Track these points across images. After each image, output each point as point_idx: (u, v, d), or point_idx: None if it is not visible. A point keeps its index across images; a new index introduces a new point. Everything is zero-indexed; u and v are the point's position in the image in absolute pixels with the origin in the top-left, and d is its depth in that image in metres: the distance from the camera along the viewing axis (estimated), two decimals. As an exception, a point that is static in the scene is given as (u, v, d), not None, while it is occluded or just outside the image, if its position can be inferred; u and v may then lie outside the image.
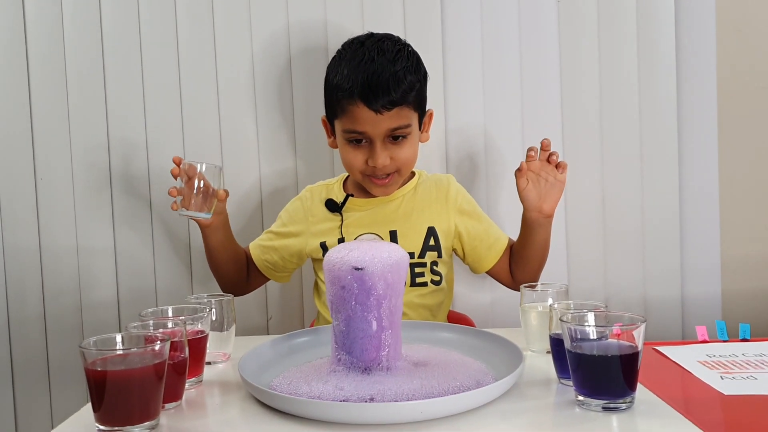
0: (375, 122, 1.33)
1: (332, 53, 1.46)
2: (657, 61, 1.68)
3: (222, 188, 1.35)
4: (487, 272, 1.50)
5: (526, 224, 1.41)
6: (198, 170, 1.31)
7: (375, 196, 1.46)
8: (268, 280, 1.56)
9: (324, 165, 1.72)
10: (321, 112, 1.48)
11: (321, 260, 1.42)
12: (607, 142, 1.70)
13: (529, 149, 1.35)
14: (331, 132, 1.46)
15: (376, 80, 1.31)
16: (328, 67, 1.43)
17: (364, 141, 1.37)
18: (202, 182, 1.32)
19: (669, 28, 1.67)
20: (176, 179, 1.32)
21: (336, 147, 1.46)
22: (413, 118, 1.39)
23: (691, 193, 1.70)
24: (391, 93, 1.31)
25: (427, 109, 1.46)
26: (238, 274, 1.51)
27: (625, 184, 1.71)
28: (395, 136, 1.37)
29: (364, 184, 1.44)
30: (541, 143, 1.34)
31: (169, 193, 1.32)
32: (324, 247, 1.43)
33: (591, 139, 1.70)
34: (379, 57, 1.34)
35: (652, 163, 1.70)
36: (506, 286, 1.52)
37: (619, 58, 1.68)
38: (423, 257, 1.42)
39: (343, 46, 1.43)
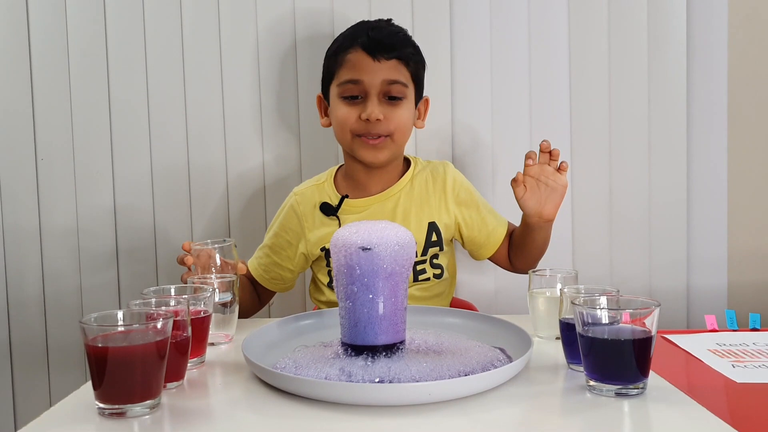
0: (373, 70, 1.34)
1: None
2: (668, 51, 1.66)
3: (237, 260, 1.23)
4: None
5: (526, 227, 1.37)
6: (212, 254, 1.17)
7: (370, 195, 1.42)
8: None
9: (327, 153, 1.69)
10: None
11: (321, 259, 1.42)
12: (615, 132, 1.68)
13: (527, 155, 1.30)
14: (324, 110, 1.45)
15: (378, 33, 1.37)
16: (330, 45, 1.43)
17: (359, 97, 1.36)
18: (218, 264, 1.17)
19: (680, 18, 1.65)
20: (189, 269, 1.18)
21: (329, 125, 1.44)
22: (409, 84, 1.38)
23: (699, 184, 1.69)
24: (391, 43, 1.36)
25: (424, 96, 1.46)
26: (251, 302, 1.46)
27: (632, 174, 1.69)
28: (390, 97, 1.36)
29: (355, 150, 1.38)
30: (540, 145, 1.29)
31: (183, 281, 1.18)
32: (326, 251, 1.40)
33: (599, 129, 1.68)
34: (382, 22, 1.44)
35: (660, 153, 1.68)
36: (505, 269, 1.50)
37: (630, 49, 1.66)
38: (425, 254, 1.39)
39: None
